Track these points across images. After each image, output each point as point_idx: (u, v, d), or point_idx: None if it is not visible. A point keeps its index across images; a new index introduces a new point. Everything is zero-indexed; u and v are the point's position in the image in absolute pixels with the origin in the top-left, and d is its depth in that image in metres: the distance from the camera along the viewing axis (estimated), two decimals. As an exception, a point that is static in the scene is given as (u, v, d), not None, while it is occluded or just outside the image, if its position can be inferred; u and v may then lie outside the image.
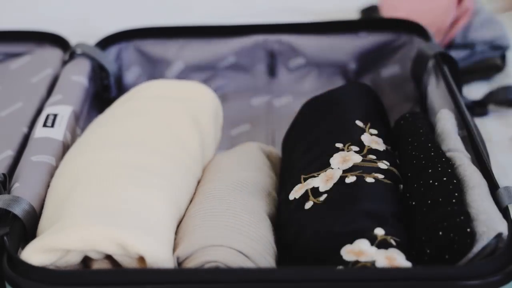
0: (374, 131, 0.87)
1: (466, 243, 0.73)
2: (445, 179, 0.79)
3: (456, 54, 1.19)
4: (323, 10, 1.40)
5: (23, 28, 1.16)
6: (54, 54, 1.11)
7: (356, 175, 0.80)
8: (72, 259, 0.75)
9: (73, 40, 1.13)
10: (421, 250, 0.75)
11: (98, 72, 1.09)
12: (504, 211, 0.77)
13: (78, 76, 1.04)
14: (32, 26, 1.18)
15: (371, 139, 0.86)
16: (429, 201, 0.77)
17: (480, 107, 1.12)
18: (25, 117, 0.98)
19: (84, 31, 1.19)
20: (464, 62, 1.20)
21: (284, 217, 0.83)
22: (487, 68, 1.22)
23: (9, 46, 1.15)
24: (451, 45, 1.23)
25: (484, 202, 0.77)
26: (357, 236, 0.74)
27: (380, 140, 0.86)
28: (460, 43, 1.23)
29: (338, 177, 0.81)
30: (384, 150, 0.85)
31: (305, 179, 0.83)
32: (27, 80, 1.06)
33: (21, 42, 1.15)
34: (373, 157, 0.83)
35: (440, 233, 0.74)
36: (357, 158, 0.82)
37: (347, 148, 0.84)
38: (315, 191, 0.81)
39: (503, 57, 1.23)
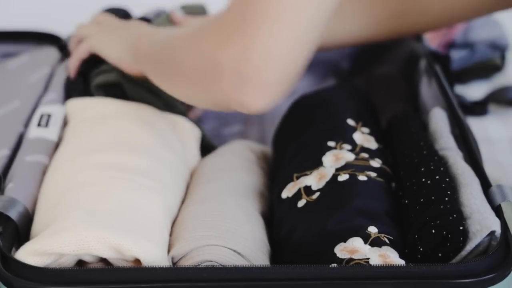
0: (366, 130, 0.88)
1: (459, 241, 0.73)
2: (437, 177, 0.79)
3: (456, 54, 1.20)
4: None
5: (20, 29, 1.16)
6: (52, 54, 1.11)
7: (348, 173, 0.80)
8: (66, 263, 0.74)
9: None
10: (414, 248, 0.75)
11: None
12: (496, 209, 0.77)
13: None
14: (29, 25, 1.18)
15: (364, 138, 0.86)
16: (421, 200, 0.78)
17: (480, 107, 1.13)
18: (22, 116, 0.97)
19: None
20: (464, 62, 1.21)
21: (277, 216, 0.83)
22: (487, 68, 1.23)
23: (6, 46, 1.15)
24: (451, 45, 1.23)
25: (477, 200, 0.77)
26: (350, 234, 0.74)
27: (372, 139, 0.87)
28: (460, 43, 1.23)
29: (331, 175, 0.81)
30: (376, 148, 0.85)
31: (297, 178, 0.83)
32: (24, 79, 1.05)
33: (18, 42, 1.14)
34: (366, 155, 0.83)
35: (433, 231, 0.74)
36: (350, 156, 0.83)
37: (340, 146, 0.84)
38: (308, 190, 0.81)
39: (503, 57, 1.24)
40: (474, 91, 1.17)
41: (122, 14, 1.11)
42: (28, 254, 0.73)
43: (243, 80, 0.70)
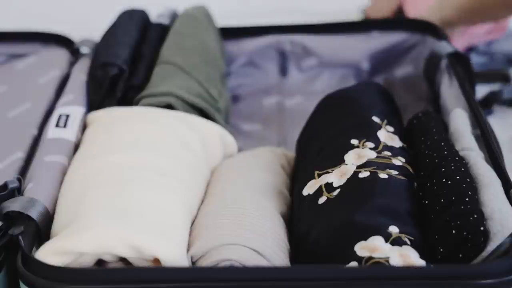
0: (391, 128, 0.87)
1: (480, 241, 0.73)
2: (458, 178, 0.79)
3: (476, 59, 1.23)
4: (326, 10, 1.40)
5: (28, 29, 1.16)
6: (60, 55, 1.11)
7: (369, 171, 0.80)
8: (86, 262, 0.75)
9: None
10: (434, 249, 0.75)
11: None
12: (518, 209, 0.76)
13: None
14: (31, 26, 1.18)
15: (387, 136, 0.86)
16: (442, 200, 0.77)
17: (483, 107, 1.12)
18: (34, 118, 0.97)
19: (84, 30, 1.19)
20: (480, 68, 1.22)
21: (298, 213, 0.83)
22: (496, 77, 1.23)
23: (15, 46, 1.15)
24: (471, 49, 1.25)
25: (498, 201, 0.77)
26: (371, 233, 0.73)
27: (396, 137, 0.86)
28: (482, 49, 1.24)
29: (352, 172, 0.81)
30: (400, 147, 0.85)
31: (319, 175, 0.83)
32: (34, 80, 1.06)
33: (27, 43, 1.15)
34: (388, 153, 0.83)
35: (453, 231, 0.74)
36: (372, 154, 0.82)
37: (362, 144, 0.84)
38: (329, 186, 0.81)
39: (514, 71, 1.25)
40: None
41: (139, 15, 1.12)
42: (48, 253, 0.73)
43: None
